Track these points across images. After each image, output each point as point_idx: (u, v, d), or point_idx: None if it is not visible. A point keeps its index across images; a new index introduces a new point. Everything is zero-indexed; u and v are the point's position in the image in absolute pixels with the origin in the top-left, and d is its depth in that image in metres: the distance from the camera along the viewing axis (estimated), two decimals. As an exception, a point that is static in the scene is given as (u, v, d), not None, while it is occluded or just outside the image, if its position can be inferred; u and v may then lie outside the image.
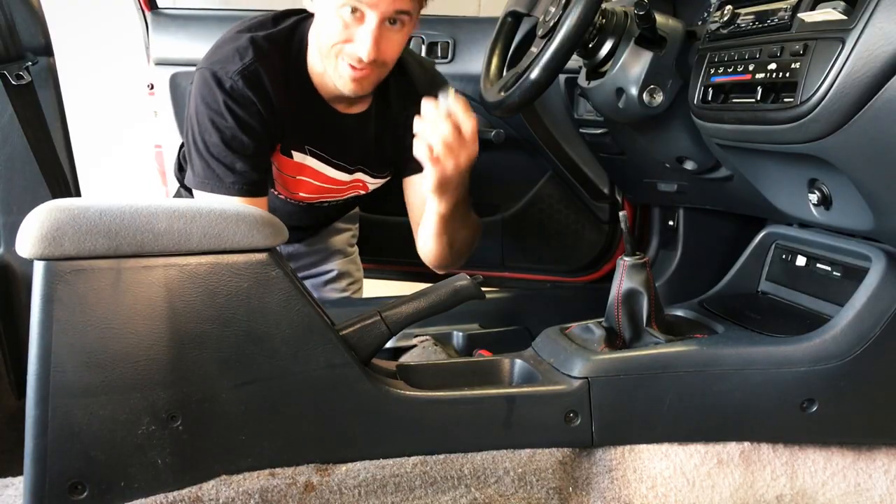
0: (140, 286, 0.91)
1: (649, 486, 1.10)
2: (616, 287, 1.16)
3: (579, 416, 1.07)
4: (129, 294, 0.90)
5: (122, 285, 0.90)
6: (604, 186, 2.12)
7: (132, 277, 0.90)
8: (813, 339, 1.12)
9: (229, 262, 0.93)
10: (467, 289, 1.10)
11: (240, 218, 0.94)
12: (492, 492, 1.04)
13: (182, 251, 0.92)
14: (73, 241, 0.87)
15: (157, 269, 0.91)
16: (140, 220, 0.90)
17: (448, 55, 2.05)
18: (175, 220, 0.91)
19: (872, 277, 1.13)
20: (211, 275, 0.93)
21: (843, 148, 1.04)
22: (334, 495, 0.99)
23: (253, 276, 0.94)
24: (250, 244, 0.94)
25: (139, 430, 0.92)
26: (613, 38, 1.36)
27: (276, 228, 0.96)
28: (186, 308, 0.92)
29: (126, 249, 0.89)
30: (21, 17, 1.56)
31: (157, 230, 0.90)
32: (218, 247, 0.93)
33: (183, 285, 0.92)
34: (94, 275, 0.89)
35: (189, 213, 0.92)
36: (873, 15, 0.97)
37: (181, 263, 0.92)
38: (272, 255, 0.95)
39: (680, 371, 1.10)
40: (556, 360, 1.14)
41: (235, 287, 0.94)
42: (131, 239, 0.89)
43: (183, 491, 0.94)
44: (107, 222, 0.89)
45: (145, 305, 0.91)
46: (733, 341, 1.16)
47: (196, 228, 0.92)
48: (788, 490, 1.14)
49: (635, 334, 1.17)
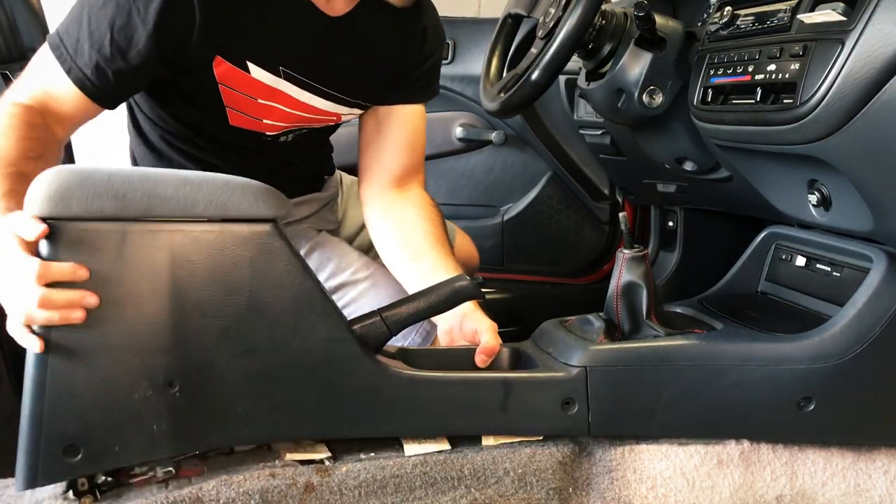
0: (144, 250, 0.90)
1: (649, 487, 1.10)
2: (615, 280, 1.17)
3: (576, 404, 1.08)
4: (133, 258, 0.90)
5: (127, 249, 0.90)
6: (604, 187, 2.13)
7: (137, 241, 0.90)
8: (812, 337, 1.12)
9: (233, 230, 0.94)
10: (467, 289, 1.10)
11: (245, 188, 0.94)
12: (492, 492, 1.04)
13: (187, 217, 0.92)
14: (81, 202, 0.87)
15: (162, 233, 0.91)
16: (147, 184, 0.90)
17: (448, 56, 2.06)
18: (182, 186, 0.91)
19: (873, 277, 1.13)
20: (215, 242, 0.93)
21: (842, 149, 1.04)
22: (334, 496, 0.99)
23: (256, 246, 0.94)
24: (255, 214, 0.94)
25: (136, 395, 0.91)
26: (613, 39, 1.36)
27: (280, 200, 0.97)
28: (189, 274, 0.92)
29: (132, 213, 0.89)
30: (22, 17, 1.57)
31: (164, 195, 0.90)
32: (223, 215, 0.93)
33: (187, 252, 0.92)
34: (99, 237, 0.89)
35: (196, 180, 0.92)
36: (873, 16, 0.97)
37: (186, 230, 0.92)
38: (276, 226, 0.95)
39: (678, 364, 1.10)
40: (555, 350, 1.14)
41: (238, 256, 0.94)
42: (138, 202, 0.89)
43: (183, 491, 0.94)
44: (115, 185, 0.89)
45: (148, 270, 0.91)
46: (732, 337, 1.16)
47: (202, 195, 0.92)
48: (788, 490, 1.14)
49: (634, 327, 1.17)
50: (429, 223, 1.35)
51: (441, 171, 2.10)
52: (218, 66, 1.18)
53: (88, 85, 1.12)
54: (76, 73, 1.12)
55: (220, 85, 1.21)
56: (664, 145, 1.48)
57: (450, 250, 1.35)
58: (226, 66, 1.19)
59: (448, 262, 1.29)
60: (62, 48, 1.12)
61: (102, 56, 1.11)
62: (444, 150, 2.10)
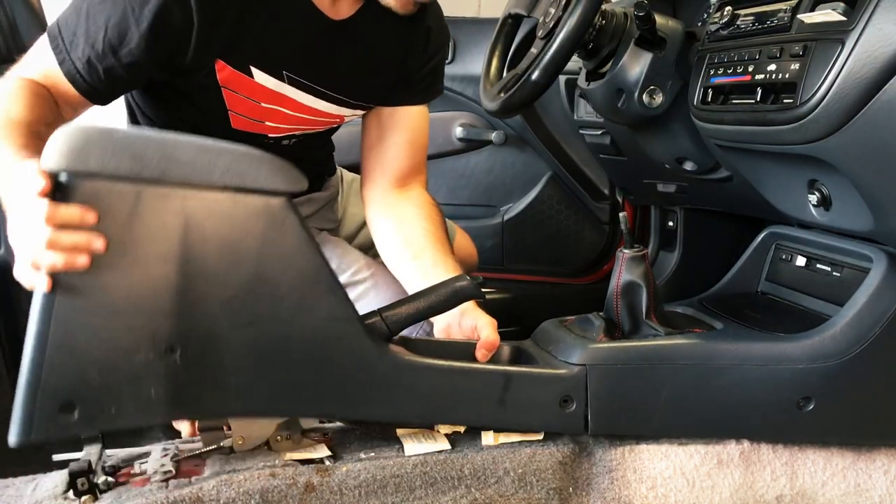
0: (157, 213, 0.90)
1: (649, 487, 1.10)
2: (615, 279, 1.17)
3: (574, 402, 1.08)
4: (146, 220, 0.90)
5: (140, 210, 0.89)
6: (604, 187, 2.13)
7: (151, 204, 0.90)
8: (811, 337, 1.12)
9: (247, 201, 0.93)
10: (467, 289, 1.10)
11: (263, 160, 0.94)
12: (492, 492, 1.04)
13: (203, 184, 0.92)
14: (99, 159, 0.87)
15: (176, 198, 0.91)
16: (166, 147, 0.90)
17: (448, 56, 2.05)
18: (200, 152, 0.91)
19: (873, 278, 1.13)
20: (228, 211, 0.93)
21: (842, 149, 1.04)
22: (335, 496, 0.99)
23: (268, 218, 0.94)
24: (270, 187, 0.94)
25: (137, 358, 0.91)
26: (613, 39, 1.37)
27: (296, 176, 0.96)
28: (200, 241, 0.92)
29: (149, 174, 0.89)
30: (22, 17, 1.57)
31: (182, 159, 0.90)
32: (238, 184, 0.93)
33: (199, 218, 0.92)
34: (113, 196, 0.88)
35: (215, 148, 0.92)
36: (873, 16, 0.97)
37: (200, 196, 0.92)
38: (289, 201, 0.95)
39: (678, 363, 1.10)
40: (555, 349, 1.14)
41: (250, 227, 0.94)
42: (155, 165, 0.89)
43: (183, 491, 0.94)
44: (134, 145, 0.89)
45: (160, 233, 0.90)
46: (732, 337, 1.16)
47: (220, 163, 0.92)
48: (788, 490, 1.14)
49: (634, 326, 1.17)
50: (429, 222, 1.35)
51: (441, 171, 2.10)
52: (221, 70, 1.18)
53: (79, 79, 1.12)
54: (68, 66, 1.12)
55: (224, 89, 1.21)
56: (664, 145, 1.48)
57: (450, 249, 1.35)
58: (229, 71, 1.19)
59: (448, 261, 1.29)
60: (59, 39, 1.12)
61: (95, 52, 1.11)
62: (444, 150, 2.10)
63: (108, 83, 1.14)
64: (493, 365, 1.11)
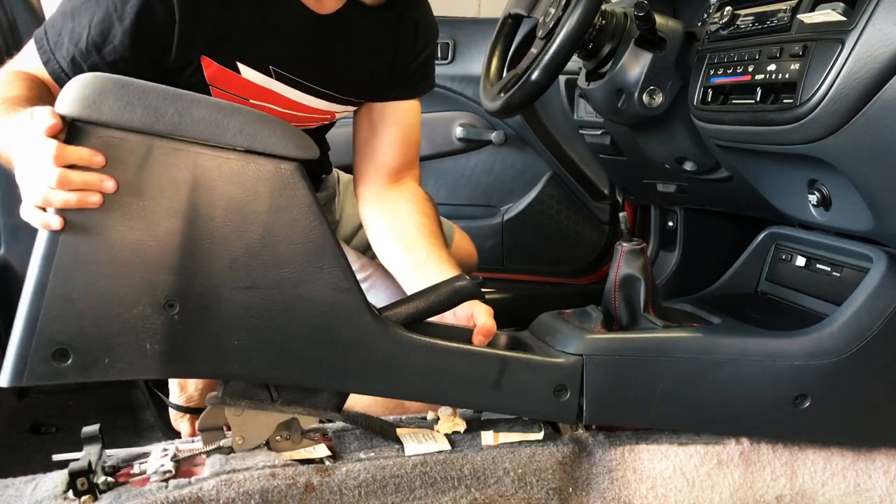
0: (167, 168, 0.90)
1: (649, 487, 1.10)
2: (613, 272, 1.17)
3: (568, 392, 1.08)
4: (155, 174, 0.90)
5: (151, 163, 0.90)
6: (604, 187, 2.13)
7: (162, 158, 0.90)
8: (809, 334, 1.12)
9: (258, 163, 0.94)
10: (467, 289, 1.10)
11: (276, 123, 0.95)
12: (492, 492, 1.04)
13: (215, 142, 0.92)
14: (113, 109, 0.88)
15: (187, 154, 0.91)
16: (181, 103, 0.90)
17: (448, 56, 2.06)
18: (215, 111, 0.92)
19: (873, 277, 1.13)
20: (238, 172, 0.93)
21: (842, 149, 1.04)
22: (334, 496, 0.99)
23: (278, 183, 0.94)
24: (281, 151, 0.94)
25: (135, 311, 0.91)
26: (613, 39, 1.37)
27: (308, 143, 0.97)
28: (207, 200, 0.92)
29: (162, 128, 0.89)
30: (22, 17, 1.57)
31: (196, 116, 0.91)
32: (251, 146, 0.93)
33: (209, 176, 0.92)
34: (125, 146, 0.89)
35: (229, 108, 0.93)
36: (873, 16, 0.97)
37: (211, 154, 0.92)
38: (300, 167, 0.96)
39: (674, 357, 1.10)
40: (552, 339, 1.14)
41: (259, 190, 0.94)
42: (169, 119, 0.89)
43: (183, 491, 0.94)
44: (149, 97, 0.89)
45: (168, 188, 0.91)
46: (729, 332, 1.16)
47: (234, 123, 0.92)
48: (788, 490, 1.14)
49: (632, 319, 1.17)
50: (422, 216, 1.36)
51: (441, 171, 2.10)
52: (207, 67, 1.18)
53: (64, 78, 1.12)
54: (53, 66, 1.13)
55: (211, 87, 1.21)
56: (664, 145, 1.48)
57: (443, 242, 1.35)
58: (215, 68, 1.19)
59: (441, 254, 1.29)
60: (44, 40, 1.14)
61: (79, 51, 1.12)
62: (444, 150, 2.10)
63: None
64: (490, 349, 1.11)
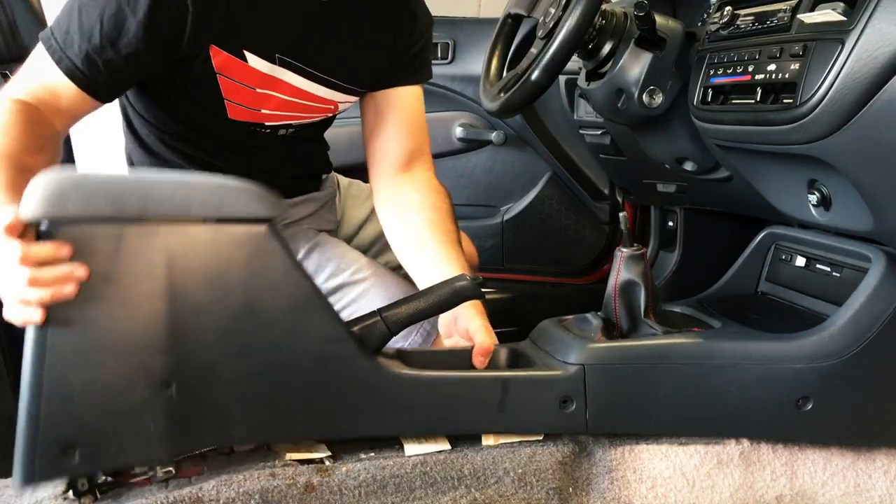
0: (140, 251, 0.90)
1: (649, 487, 1.10)
2: (613, 278, 1.17)
3: (574, 402, 1.08)
4: (129, 259, 0.90)
5: (123, 250, 0.90)
6: (604, 187, 2.13)
7: (133, 242, 0.90)
8: (810, 336, 1.12)
9: (229, 231, 0.94)
10: (467, 289, 1.10)
11: (241, 189, 0.94)
12: (492, 492, 1.04)
13: (183, 218, 0.92)
14: (77, 203, 0.87)
15: (157, 235, 0.91)
16: (143, 186, 0.90)
17: (448, 56, 2.06)
18: (177, 187, 0.91)
19: (872, 278, 1.13)
20: (211, 243, 0.93)
21: (842, 149, 1.04)
22: (334, 496, 0.99)
23: (252, 246, 0.94)
24: (250, 214, 0.94)
25: (133, 396, 0.91)
26: (613, 39, 1.37)
27: (276, 201, 0.96)
28: (185, 275, 0.92)
29: (128, 213, 0.89)
30: (22, 17, 1.57)
31: (160, 196, 0.90)
32: (218, 215, 0.93)
33: (183, 252, 0.92)
34: (95, 238, 0.89)
35: (191, 182, 0.93)
36: (872, 16, 0.98)
37: (181, 230, 0.92)
38: (271, 226, 0.95)
39: (676, 362, 1.10)
40: (553, 349, 1.14)
41: (234, 257, 0.94)
42: (134, 204, 0.89)
43: (183, 491, 0.94)
44: (110, 187, 0.89)
45: (145, 271, 0.91)
46: (730, 336, 1.16)
47: (197, 197, 0.92)
48: (788, 490, 1.14)
49: (632, 325, 1.17)
50: (434, 212, 1.36)
51: (441, 171, 2.08)
52: (216, 56, 1.19)
53: (79, 75, 1.12)
54: (66, 64, 1.12)
55: (219, 76, 1.21)
56: (664, 145, 1.48)
57: (455, 238, 1.35)
58: (223, 56, 1.20)
59: (450, 254, 1.29)
60: (52, 40, 1.13)
61: (92, 46, 1.11)
62: (444, 150, 2.10)
63: (108, 76, 1.14)
64: (491, 371, 1.11)
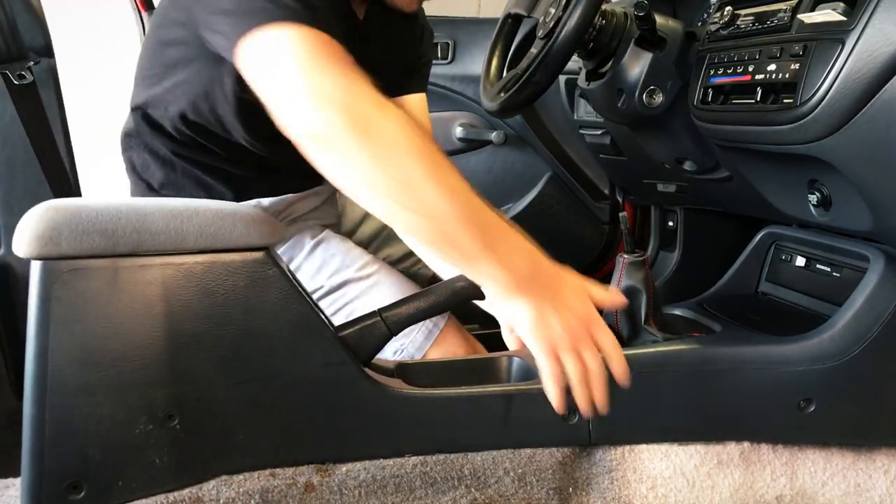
0: (137, 285, 0.90)
1: (649, 487, 1.10)
2: (615, 284, 1.17)
3: (576, 414, 1.07)
4: (126, 293, 0.90)
5: (119, 284, 0.90)
6: (604, 187, 2.13)
7: (129, 276, 0.90)
8: (811, 338, 1.12)
9: (225, 260, 0.93)
10: (467, 289, 1.10)
11: (236, 217, 0.94)
12: (492, 492, 1.04)
13: (178, 250, 0.92)
14: (70, 241, 0.87)
15: (153, 268, 0.91)
16: (136, 219, 0.90)
17: (448, 56, 2.06)
18: (171, 219, 0.91)
19: (871, 278, 1.13)
20: (207, 274, 0.93)
21: (842, 149, 1.04)
22: (335, 496, 0.99)
23: (249, 274, 0.94)
24: (246, 243, 0.94)
25: (136, 430, 0.91)
26: (613, 39, 1.36)
27: (272, 227, 0.96)
28: (183, 307, 0.92)
29: (123, 248, 0.89)
30: (22, 17, 1.57)
31: (154, 229, 0.90)
32: (214, 246, 0.92)
33: (180, 284, 0.92)
34: (91, 274, 0.89)
35: (185, 212, 0.92)
36: (873, 16, 0.98)
37: (177, 262, 0.92)
38: (268, 253, 0.95)
39: (678, 369, 1.10)
40: None
41: (232, 286, 0.94)
42: (128, 238, 0.89)
43: (184, 491, 0.94)
44: (103, 221, 0.89)
45: (142, 304, 0.91)
46: (731, 340, 1.16)
47: (192, 227, 0.92)
48: (788, 490, 1.14)
49: (633, 332, 1.17)
50: None
51: (441, 171, 2.10)
52: None
53: None
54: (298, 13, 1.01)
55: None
56: (664, 145, 1.48)
57: None
58: None
59: None
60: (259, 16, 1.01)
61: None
62: (445, 149, 2.07)
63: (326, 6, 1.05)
64: (492, 387, 1.11)
